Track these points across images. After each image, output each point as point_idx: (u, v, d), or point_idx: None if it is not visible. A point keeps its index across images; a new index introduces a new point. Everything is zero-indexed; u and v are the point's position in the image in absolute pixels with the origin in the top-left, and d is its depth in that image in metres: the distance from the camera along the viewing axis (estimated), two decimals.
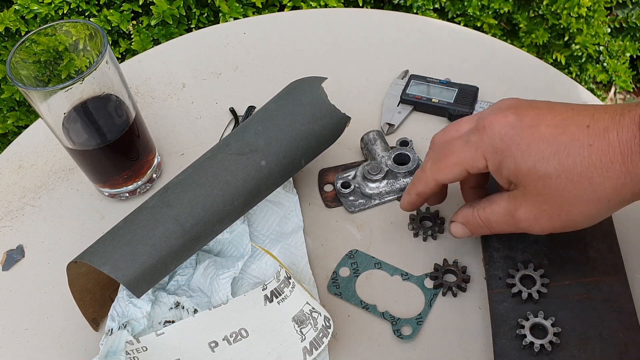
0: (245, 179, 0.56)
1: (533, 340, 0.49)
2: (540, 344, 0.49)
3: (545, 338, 0.49)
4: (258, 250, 0.59)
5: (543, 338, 0.49)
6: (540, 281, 0.52)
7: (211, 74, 0.79)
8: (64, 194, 0.69)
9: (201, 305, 0.56)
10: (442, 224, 0.60)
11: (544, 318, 0.50)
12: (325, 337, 0.52)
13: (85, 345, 0.57)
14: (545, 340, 0.49)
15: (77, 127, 0.60)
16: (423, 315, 0.54)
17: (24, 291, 0.62)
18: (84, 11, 1.23)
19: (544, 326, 0.50)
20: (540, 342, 0.49)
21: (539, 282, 0.52)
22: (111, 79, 0.58)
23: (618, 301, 0.51)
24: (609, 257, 0.54)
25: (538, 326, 0.51)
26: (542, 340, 0.49)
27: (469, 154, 0.48)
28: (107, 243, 0.53)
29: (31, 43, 0.58)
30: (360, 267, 0.58)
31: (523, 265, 0.54)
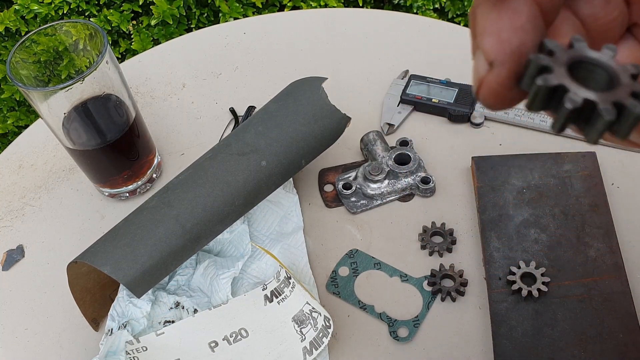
0: (246, 179, 0.56)
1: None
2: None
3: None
4: (258, 250, 0.59)
5: None
6: (540, 279, 0.53)
7: (211, 74, 0.79)
8: (64, 194, 0.69)
9: (201, 305, 0.56)
10: (452, 243, 0.58)
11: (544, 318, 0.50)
12: (325, 337, 0.52)
13: (85, 345, 0.57)
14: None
15: (77, 127, 0.60)
16: (420, 318, 0.54)
17: (24, 291, 0.62)
18: (84, 11, 1.24)
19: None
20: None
21: (540, 280, 0.53)
22: (111, 79, 0.58)
23: (618, 301, 0.51)
24: (609, 257, 0.54)
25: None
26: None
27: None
28: (108, 243, 0.52)
29: (31, 43, 0.58)
30: (360, 267, 0.58)
31: (524, 263, 0.54)
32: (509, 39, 0.23)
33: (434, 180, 0.62)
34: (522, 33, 0.23)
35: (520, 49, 0.23)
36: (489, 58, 0.23)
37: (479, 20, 0.24)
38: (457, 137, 0.67)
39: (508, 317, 0.52)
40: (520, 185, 0.59)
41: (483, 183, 0.60)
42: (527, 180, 0.60)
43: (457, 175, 0.64)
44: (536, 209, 0.58)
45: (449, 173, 0.64)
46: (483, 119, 0.67)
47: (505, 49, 0.23)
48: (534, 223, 0.57)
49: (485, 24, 0.23)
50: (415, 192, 0.63)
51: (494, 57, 0.23)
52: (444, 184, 0.63)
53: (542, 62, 0.22)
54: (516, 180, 0.60)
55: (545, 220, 0.57)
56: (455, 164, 0.65)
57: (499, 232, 0.57)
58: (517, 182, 0.60)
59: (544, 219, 0.57)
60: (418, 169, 0.63)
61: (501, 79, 0.23)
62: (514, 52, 0.23)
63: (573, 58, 0.23)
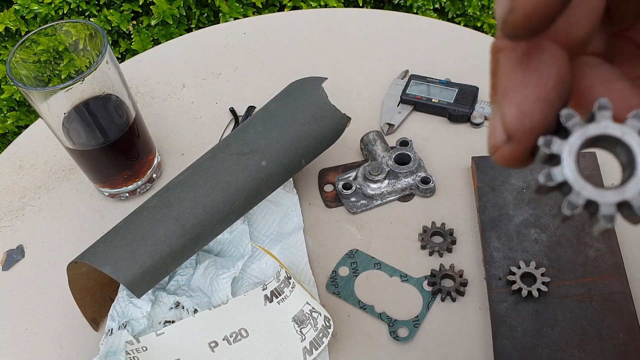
0: (246, 179, 0.56)
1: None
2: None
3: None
4: (258, 250, 0.59)
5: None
6: (540, 279, 0.53)
7: (211, 74, 0.79)
8: (64, 194, 0.69)
9: (201, 305, 0.56)
10: (452, 243, 0.58)
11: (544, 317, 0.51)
12: (325, 337, 0.52)
13: (85, 345, 0.57)
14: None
15: (77, 127, 0.60)
16: (420, 318, 0.54)
17: (24, 291, 0.62)
18: (84, 11, 1.24)
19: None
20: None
21: (540, 280, 0.52)
22: (111, 79, 0.58)
23: (618, 301, 0.51)
24: (609, 257, 0.54)
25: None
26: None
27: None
28: (108, 243, 0.52)
29: (31, 43, 0.58)
30: (360, 267, 0.58)
31: (524, 263, 0.54)
32: (532, 112, 0.21)
33: (434, 180, 0.62)
34: (546, 106, 0.21)
35: (541, 124, 0.21)
36: (508, 131, 0.21)
37: (502, 75, 0.22)
38: (457, 137, 0.67)
39: (508, 317, 0.52)
40: (520, 185, 0.59)
41: (483, 183, 0.60)
42: (527, 180, 0.60)
43: (457, 175, 0.64)
44: (536, 209, 0.58)
45: (449, 173, 0.64)
46: (483, 119, 0.67)
47: (526, 125, 0.21)
48: (534, 223, 0.57)
49: (508, 84, 0.21)
50: (415, 192, 0.63)
51: (514, 132, 0.21)
52: (444, 184, 0.63)
53: (550, 151, 0.21)
54: (516, 180, 0.60)
55: (545, 220, 0.57)
56: (455, 164, 0.65)
57: (499, 232, 0.57)
58: (517, 182, 0.60)
59: (544, 219, 0.57)
60: (418, 169, 0.63)
61: (517, 153, 0.22)
62: (535, 129, 0.21)
63: (589, 138, 0.21)
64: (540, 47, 0.21)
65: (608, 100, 0.21)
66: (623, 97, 0.23)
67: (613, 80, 0.23)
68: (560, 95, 0.22)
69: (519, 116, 0.21)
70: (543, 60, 0.21)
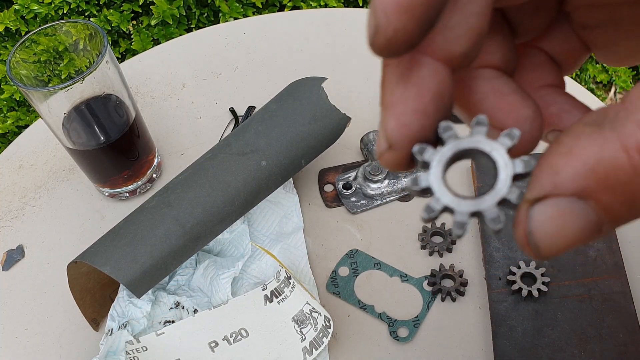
0: (246, 179, 0.56)
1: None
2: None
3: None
4: (258, 250, 0.59)
5: None
6: (540, 279, 0.53)
7: (211, 74, 0.79)
8: (64, 194, 0.69)
9: (201, 305, 0.56)
10: (452, 243, 0.58)
11: (545, 318, 0.50)
12: (325, 337, 0.52)
13: (85, 345, 0.57)
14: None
15: (77, 127, 0.60)
16: (420, 318, 0.54)
17: (24, 291, 0.62)
18: (84, 11, 1.24)
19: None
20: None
21: (540, 280, 0.52)
22: (111, 79, 0.58)
23: (618, 301, 0.51)
24: (609, 256, 0.54)
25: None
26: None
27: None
28: (108, 243, 0.52)
29: (31, 43, 0.58)
30: (360, 267, 0.58)
31: (524, 263, 0.54)
32: (409, 124, 0.23)
33: None
34: (423, 118, 0.23)
35: (419, 133, 0.23)
36: (389, 140, 0.23)
37: (385, 91, 0.23)
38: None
39: (508, 317, 0.52)
40: (521, 184, 0.59)
41: (483, 183, 0.60)
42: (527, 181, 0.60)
43: (457, 175, 0.64)
44: None
45: (449, 173, 0.64)
46: None
47: (404, 135, 0.23)
48: None
49: (391, 98, 0.23)
50: None
51: (393, 141, 0.23)
52: None
53: (421, 158, 0.22)
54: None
55: None
56: (456, 164, 0.64)
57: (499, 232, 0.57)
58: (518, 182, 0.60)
59: None
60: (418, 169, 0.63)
61: (398, 160, 0.23)
62: (412, 138, 0.23)
63: (461, 150, 0.23)
64: (420, 63, 0.22)
65: (486, 117, 0.23)
66: (513, 110, 0.24)
67: (505, 93, 0.24)
68: (439, 107, 0.23)
69: (398, 127, 0.23)
70: (421, 76, 0.23)
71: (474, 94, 0.25)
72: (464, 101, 0.25)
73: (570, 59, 0.28)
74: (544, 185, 0.20)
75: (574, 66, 0.29)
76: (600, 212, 0.19)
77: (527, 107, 0.24)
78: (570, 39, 0.28)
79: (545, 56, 0.28)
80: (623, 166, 0.18)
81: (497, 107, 0.25)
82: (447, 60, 0.23)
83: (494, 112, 0.25)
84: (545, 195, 0.20)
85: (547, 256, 0.21)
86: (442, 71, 0.23)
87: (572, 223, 0.20)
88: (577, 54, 0.28)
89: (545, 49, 0.28)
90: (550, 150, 0.20)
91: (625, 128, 0.19)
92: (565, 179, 0.19)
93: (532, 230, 0.20)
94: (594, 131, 0.19)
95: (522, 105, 0.24)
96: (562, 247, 0.20)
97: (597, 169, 0.19)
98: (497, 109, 0.25)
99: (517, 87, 0.25)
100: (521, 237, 0.21)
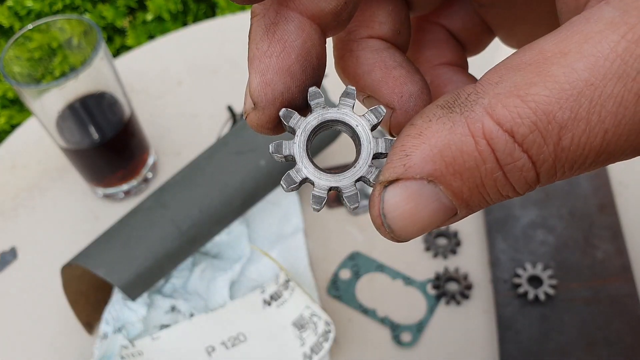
0: (244, 179, 0.55)
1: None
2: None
3: None
4: (256, 253, 0.58)
5: None
6: (547, 282, 0.51)
7: (208, 70, 0.78)
8: (57, 195, 0.68)
9: (198, 309, 0.55)
10: (457, 244, 0.57)
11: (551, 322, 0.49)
12: (325, 341, 0.50)
13: (79, 349, 0.56)
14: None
15: (71, 125, 0.59)
16: (424, 322, 0.53)
17: (17, 294, 0.60)
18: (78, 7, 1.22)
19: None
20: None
21: (546, 282, 0.51)
22: (105, 76, 0.56)
23: (625, 304, 0.50)
24: (617, 258, 0.53)
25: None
26: None
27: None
28: (102, 245, 0.52)
29: (25, 40, 0.57)
30: (362, 270, 0.57)
31: (531, 266, 0.53)
32: (274, 83, 0.21)
33: None
34: (288, 78, 0.22)
35: (284, 95, 0.22)
36: (253, 99, 0.22)
37: (251, 44, 0.22)
38: None
39: (514, 321, 0.51)
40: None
41: None
42: None
43: None
44: (543, 210, 0.57)
45: None
46: None
47: (268, 95, 0.22)
48: (541, 224, 0.56)
49: (255, 52, 0.22)
50: None
51: (257, 100, 0.22)
52: None
53: (287, 124, 0.22)
54: None
55: (552, 221, 0.56)
56: None
57: (505, 233, 0.56)
58: None
59: (551, 220, 0.56)
60: None
61: (262, 122, 0.22)
62: (277, 99, 0.22)
63: (326, 120, 0.22)
64: (286, 18, 0.21)
65: (355, 88, 0.22)
66: (397, 85, 0.24)
67: (392, 66, 0.24)
68: (305, 68, 0.22)
69: (262, 85, 0.21)
70: (287, 31, 0.21)
71: (360, 65, 0.24)
72: (351, 72, 0.25)
73: (473, 38, 0.28)
74: (395, 168, 0.20)
75: (478, 46, 0.29)
76: (451, 196, 0.19)
77: (413, 83, 0.24)
78: (471, 17, 0.28)
79: (447, 34, 0.28)
80: (470, 151, 0.18)
81: (383, 80, 0.24)
82: (315, 18, 0.22)
83: (379, 86, 0.24)
84: (397, 177, 0.20)
85: (403, 238, 0.21)
86: (310, 29, 0.22)
87: (424, 206, 0.20)
88: (479, 33, 0.28)
89: (447, 25, 0.28)
90: (404, 132, 0.20)
91: (473, 112, 0.18)
92: (415, 162, 0.19)
93: (385, 213, 0.20)
94: (444, 114, 0.19)
95: (408, 81, 0.24)
96: (416, 230, 0.20)
97: (445, 153, 0.19)
98: (383, 83, 0.24)
99: (405, 61, 0.24)
100: (376, 217, 0.20)
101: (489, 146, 0.18)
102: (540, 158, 0.18)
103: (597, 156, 0.18)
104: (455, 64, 0.27)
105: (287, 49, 0.21)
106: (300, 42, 0.21)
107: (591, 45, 0.18)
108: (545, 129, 0.18)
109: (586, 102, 0.17)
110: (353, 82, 0.25)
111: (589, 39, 0.18)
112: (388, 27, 0.24)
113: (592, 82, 0.17)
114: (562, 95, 0.17)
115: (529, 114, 0.18)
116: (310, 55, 0.22)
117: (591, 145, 0.18)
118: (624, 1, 0.18)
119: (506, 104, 0.18)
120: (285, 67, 0.21)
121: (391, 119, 0.24)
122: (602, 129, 0.18)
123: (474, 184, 0.19)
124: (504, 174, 0.18)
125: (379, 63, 0.24)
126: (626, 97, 0.17)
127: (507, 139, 0.18)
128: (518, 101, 0.18)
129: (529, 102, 0.18)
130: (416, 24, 0.27)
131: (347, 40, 0.25)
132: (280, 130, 0.23)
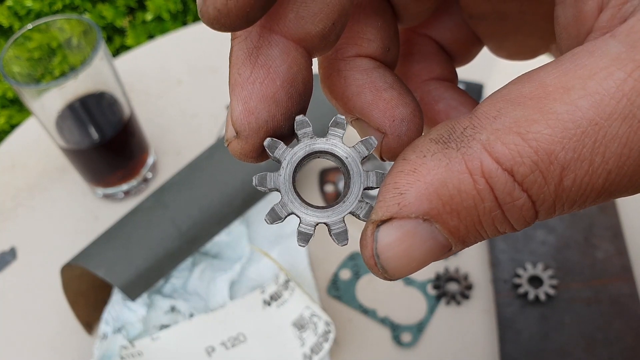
0: (244, 179, 0.55)
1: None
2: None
3: None
4: (256, 253, 0.57)
5: None
6: (548, 282, 0.51)
7: (208, 70, 0.78)
8: (57, 195, 0.67)
9: (198, 309, 0.55)
10: None
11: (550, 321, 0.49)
12: (325, 342, 0.50)
13: (79, 349, 0.56)
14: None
15: (70, 125, 0.59)
16: (424, 323, 0.53)
17: (16, 294, 0.60)
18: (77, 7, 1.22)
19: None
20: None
21: (547, 283, 0.51)
22: (105, 75, 0.56)
23: (626, 304, 0.50)
24: (617, 259, 0.53)
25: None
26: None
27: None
28: (102, 245, 0.52)
29: (24, 39, 0.57)
30: (362, 270, 0.57)
31: (531, 266, 0.53)
32: (258, 111, 0.20)
33: None
34: (273, 106, 0.20)
35: (269, 124, 0.21)
36: (236, 128, 0.20)
37: (232, 69, 0.21)
38: None
39: (515, 321, 0.51)
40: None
41: None
42: None
43: None
44: None
45: None
46: None
47: (252, 124, 0.20)
48: (541, 224, 0.56)
49: (237, 79, 0.20)
50: None
51: (240, 129, 0.20)
52: None
53: (272, 154, 0.21)
54: None
55: (552, 221, 0.56)
56: None
57: None
58: None
59: (552, 220, 0.56)
60: None
61: (246, 151, 0.21)
62: (261, 128, 0.20)
63: (314, 151, 0.21)
64: (269, 42, 0.20)
65: (344, 118, 0.21)
66: (389, 108, 0.22)
67: (382, 88, 0.23)
68: (291, 95, 0.20)
69: (245, 113, 0.20)
70: (271, 56, 0.20)
71: (349, 86, 0.23)
72: (339, 93, 0.23)
73: (462, 49, 0.27)
74: (389, 207, 0.19)
75: (467, 56, 0.28)
76: (447, 234, 0.19)
77: (405, 105, 0.23)
78: (460, 28, 0.27)
79: (435, 46, 0.27)
80: (468, 190, 0.18)
81: (373, 103, 0.23)
82: (301, 41, 0.20)
83: (370, 109, 0.23)
84: (391, 216, 0.19)
85: (396, 277, 0.20)
86: (296, 53, 0.20)
87: (419, 245, 0.19)
88: (469, 44, 0.27)
89: (435, 37, 0.27)
90: (396, 168, 0.19)
91: (471, 149, 0.18)
92: (410, 201, 0.18)
93: (378, 253, 0.19)
94: (439, 149, 0.18)
95: (400, 103, 0.23)
96: (411, 269, 0.19)
97: (441, 191, 0.18)
98: (373, 106, 0.23)
99: (396, 82, 0.23)
100: (369, 258, 0.19)
101: (487, 185, 0.17)
102: (540, 198, 0.17)
103: (598, 195, 0.18)
104: (444, 78, 0.26)
105: (272, 75, 0.20)
106: (285, 68, 0.20)
107: (596, 82, 0.17)
108: (547, 170, 0.17)
109: (590, 142, 0.17)
110: (341, 103, 0.23)
111: (594, 74, 0.17)
112: (377, 44, 0.23)
113: (597, 121, 0.17)
114: (565, 134, 0.17)
115: (530, 153, 0.17)
116: (296, 81, 0.20)
117: (593, 186, 0.17)
118: (631, 36, 0.17)
119: (506, 142, 0.17)
120: (270, 95, 0.20)
121: (382, 144, 0.23)
122: (605, 170, 0.17)
123: (471, 222, 0.18)
124: (503, 212, 0.18)
125: (369, 84, 0.23)
126: (631, 138, 0.17)
127: (507, 178, 0.17)
128: (518, 139, 0.17)
129: (530, 141, 0.17)
130: (404, 37, 0.27)
131: (334, 59, 0.23)
132: (264, 158, 0.22)
